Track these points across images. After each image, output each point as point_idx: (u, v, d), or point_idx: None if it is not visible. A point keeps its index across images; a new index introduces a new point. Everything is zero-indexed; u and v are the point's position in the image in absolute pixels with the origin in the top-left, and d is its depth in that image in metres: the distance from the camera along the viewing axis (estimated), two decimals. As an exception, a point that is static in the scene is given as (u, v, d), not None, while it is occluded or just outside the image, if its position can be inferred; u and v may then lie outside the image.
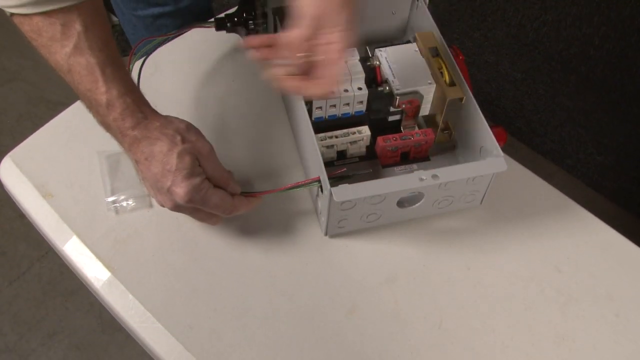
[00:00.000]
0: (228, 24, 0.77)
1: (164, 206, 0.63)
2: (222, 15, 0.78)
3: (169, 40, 0.77)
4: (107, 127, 0.61)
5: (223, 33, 0.79)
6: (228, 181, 0.63)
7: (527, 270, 0.69)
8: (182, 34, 0.77)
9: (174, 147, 0.59)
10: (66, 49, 0.56)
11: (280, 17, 0.73)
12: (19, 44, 1.83)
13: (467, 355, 0.64)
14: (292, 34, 0.58)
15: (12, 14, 0.56)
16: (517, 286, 0.68)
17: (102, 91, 0.57)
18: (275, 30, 0.75)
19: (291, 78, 0.60)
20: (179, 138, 0.59)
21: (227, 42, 0.85)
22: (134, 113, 0.59)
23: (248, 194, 0.66)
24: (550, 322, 0.66)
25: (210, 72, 0.83)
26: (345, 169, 0.68)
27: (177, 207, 0.62)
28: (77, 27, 0.56)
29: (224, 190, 0.62)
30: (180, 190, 0.58)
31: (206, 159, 0.61)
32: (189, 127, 0.62)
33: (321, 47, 0.59)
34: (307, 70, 0.60)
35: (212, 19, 0.78)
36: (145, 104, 0.61)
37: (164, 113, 0.62)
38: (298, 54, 0.59)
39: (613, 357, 0.65)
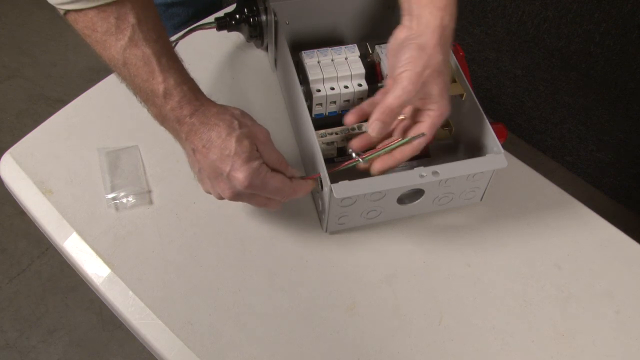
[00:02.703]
0: (232, 22, 0.77)
1: (222, 198, 0.62)
2: (222, 14, 0.78)
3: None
4: (163, 118, 0.60)
5: (224, 32, 0.79)
6: (285, 165, 0.63)
7: (527, 267, 0.69)
8: (184, 37, 0.77)
9: (232, 132, 0.58)
10: (121, 42, 0.56)
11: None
12: (19, 41, 1.83)
13: (466, 351, 0.64)
14: (392, 100, 0.62)
15: (67, 12, 0.56)
16: (517, 283, 0.68)
17: (159, 81, 0.57)
18: (275, 28, 0.75)
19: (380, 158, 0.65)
20: (236, 123, 0.59)
21: (228, 41, 0.85)
22: (191, 101, 0.59)
23: (304, 177, 0.65)
24: (550, 318, 0.66)
25: (211, 71, 0.83)
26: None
27: (235, 195, 0.61)
28: (131, 19, 0.56)
29: (282, 174, 0.62)
30: (240, 175, 0.58)
31: (263, 144, 0.61)
32: (243, 113, 0.62)
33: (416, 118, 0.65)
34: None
35: (213, 20, 0.78)
36: (200, 92, 0.61)
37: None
38: (389, 119, 0.63)
39: (613, 353, 0.65)
